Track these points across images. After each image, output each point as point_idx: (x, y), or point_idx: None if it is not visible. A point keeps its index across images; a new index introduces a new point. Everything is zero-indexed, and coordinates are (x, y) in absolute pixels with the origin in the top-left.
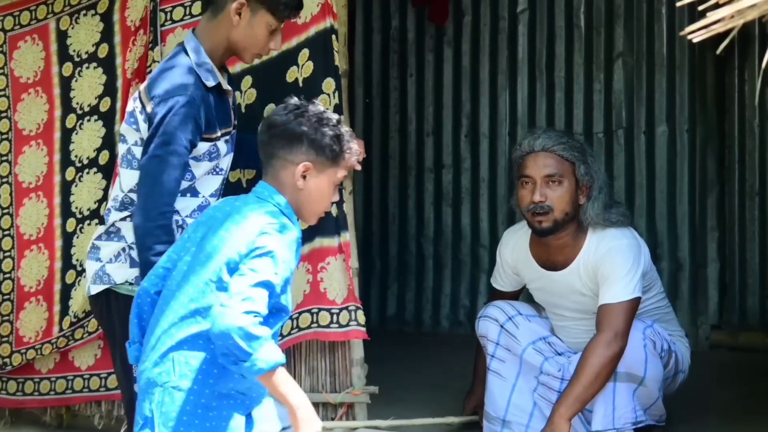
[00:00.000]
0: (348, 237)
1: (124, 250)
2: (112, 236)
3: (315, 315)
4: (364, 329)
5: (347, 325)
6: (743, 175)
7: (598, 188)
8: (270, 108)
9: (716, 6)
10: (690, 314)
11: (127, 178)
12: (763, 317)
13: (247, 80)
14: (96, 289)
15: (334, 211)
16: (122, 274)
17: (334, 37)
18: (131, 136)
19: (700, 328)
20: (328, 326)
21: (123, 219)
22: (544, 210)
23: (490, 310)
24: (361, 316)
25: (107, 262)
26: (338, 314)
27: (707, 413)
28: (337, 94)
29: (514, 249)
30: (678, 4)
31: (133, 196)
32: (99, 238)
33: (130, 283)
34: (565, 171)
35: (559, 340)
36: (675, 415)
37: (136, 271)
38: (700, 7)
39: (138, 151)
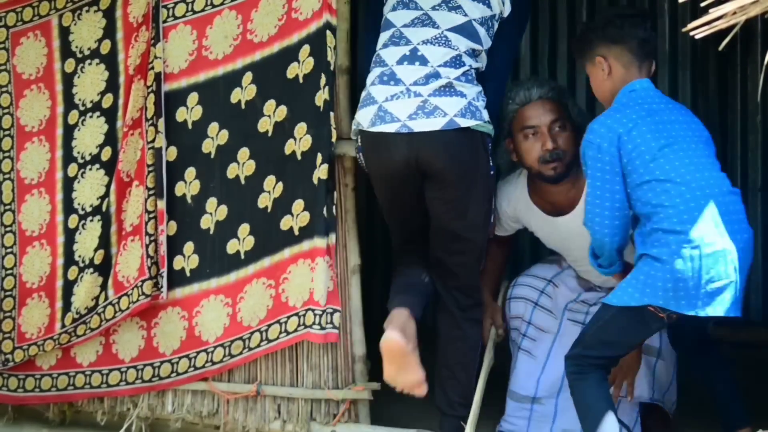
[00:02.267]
0: (334, 239)
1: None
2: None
3: (302, 317)
4: (337, 331)
5: (325, 327)
6: (746, 172)
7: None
8: (271, 104)
9: (718, 2)
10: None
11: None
12: (765, 314)
13: (248, 76)
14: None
15: (325, 212)
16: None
17: (329, 32)
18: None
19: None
20: (311, 326)
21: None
22: (558, 156)
23: (520, 290)
24: (337, 319)
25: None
26: (321, 316)
27: (708, 408)
28: (327, 89)
29: (512, 200)
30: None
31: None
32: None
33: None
34: (564, 114)
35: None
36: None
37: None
38: (703, 3)
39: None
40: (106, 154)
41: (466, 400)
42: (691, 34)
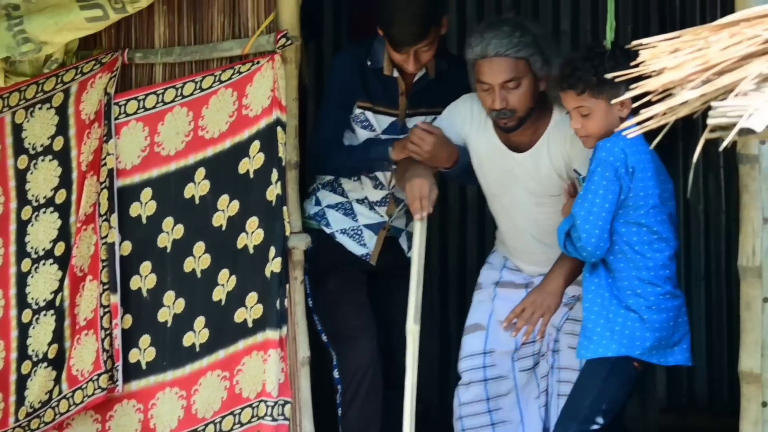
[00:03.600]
0: (286, 331)
1: None
2: None
3: (255, 408)
4: (288, 423)
5: (277, 419)
6: (689, 260)
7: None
8: (224, 199)
9: (649, 103)
10: (639, 397)
11: None
12: (711, 399)
13: (201, 172)
14: None
15: (278, 304)
16: None
17: (280, 129)
18: None
19: (649, 411)
20: (263, 417)
21: None
22: (506, 115)
23: (464, 376)
24: (288, 410)
25: None
26: (273, 407)
27: None
28: (279, 184)
29: (475, 114)
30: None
31: None
32: None
33: None
34: (522, 70)
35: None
36: None
37: None
38: (634, 105)
39: None
40: (60, 249)
41: None
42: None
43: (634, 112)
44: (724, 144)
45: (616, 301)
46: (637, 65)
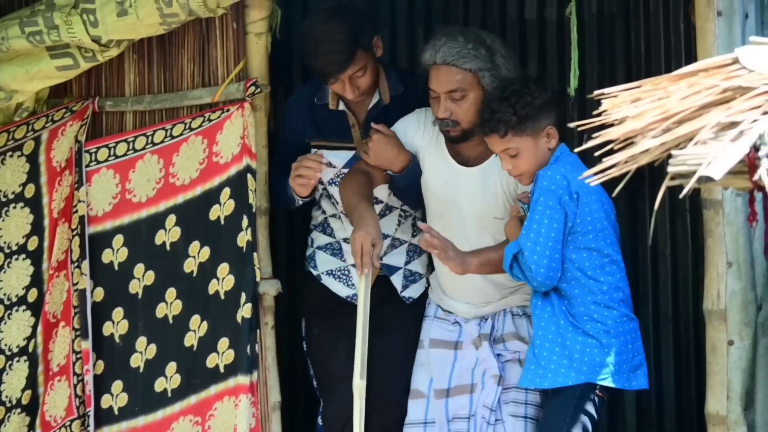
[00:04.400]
0: (257, 376)
1: None
2: None
3: None
4: None
5: None
6: (657, 303)
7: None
8: (195, 246)
9: (612, 151)
10: None
11: None
12: None
13: (172, 218)
14: None
15: (248, 350)
16: None
17: (249, 175)
18: None
19: None
20: None
21: None
22: (448, 125)
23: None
24: None
25: None
26: None
27: None
28: (250, 231)
29: (427, 126)
30: (576, 150)
31: None
32: None
33: None
34: (470, 83)
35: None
36: None
37: None
38: (596, 153)
39: None
40: (33, 295)
41: None
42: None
43: (597, 159)
44: (684, 191)
45: (572, 328)
46: (599, 114)
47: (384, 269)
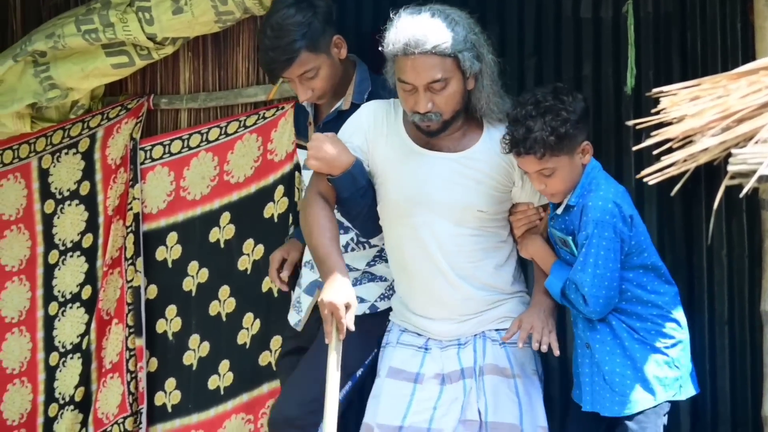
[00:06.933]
0: None
1: None
2: None
3: None
4: None
5: None
6: (712, 305)
7: (490, 70)
8: (249, 243)
9: (670, 150)
10: None
11: None
12: None
13: (226, 216)
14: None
15: None
16: None
17: (297, 173)
18: None
19: None
20: None
21: None
22: (431, 118)
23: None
24: None
25: None
26: None
27: None
28: (293, 228)
29: (377, 121)
30: (634, 148)
31: None
32: None
33: None
34: (449, 69)
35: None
36: None
37: None
38: (654, 152)
39: None
40: (86, 292)
41: None
42: (645, 180)
43: (656, 158)
44: (745, 191)
45: (638, 346)
46: (657, 112)
47: None
